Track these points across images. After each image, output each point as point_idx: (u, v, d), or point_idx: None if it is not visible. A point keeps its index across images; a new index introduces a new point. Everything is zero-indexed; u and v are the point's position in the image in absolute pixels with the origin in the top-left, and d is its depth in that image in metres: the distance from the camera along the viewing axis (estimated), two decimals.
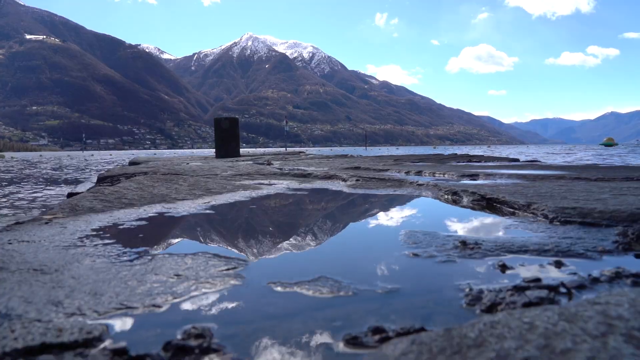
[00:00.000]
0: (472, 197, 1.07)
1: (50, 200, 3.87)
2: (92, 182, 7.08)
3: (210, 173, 2.15)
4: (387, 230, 0.75)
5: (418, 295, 0.41)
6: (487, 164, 2.16)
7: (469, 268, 0.49)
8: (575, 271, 0.47)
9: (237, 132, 6.35)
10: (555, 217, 0.75)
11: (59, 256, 0.56)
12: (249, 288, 0.43)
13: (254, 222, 0.87)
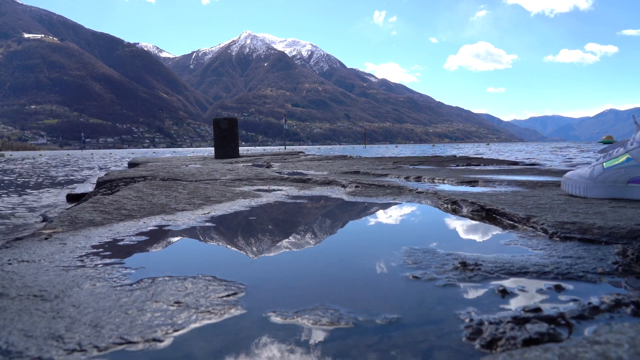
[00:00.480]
0: (471, 208, 1.07)
1: (49, 202, 3.87)
2: (92, 183, 7.04)
3: (209, 178, 2.15)
4: (387, 246, 0.75)
5: (418, 326, 0.41)
6: (486, 167, 2.16)
7: (469, 293, 0.49)
8: (575, 297, 0.47)
9: (236, 132, 6.34)
10: (555, 233, 0.76)
11: (59, 279, 0.56)
12: (249, 319, 0.43)
13: (253, 238, 0.87)
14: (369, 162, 2.96)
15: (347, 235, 0.89)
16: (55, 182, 6.49)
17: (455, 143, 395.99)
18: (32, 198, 4.70)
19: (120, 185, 1.98)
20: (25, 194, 4.98)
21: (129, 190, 1.44)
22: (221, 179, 2.15)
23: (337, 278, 0.58)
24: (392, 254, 0.68)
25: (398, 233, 0.89)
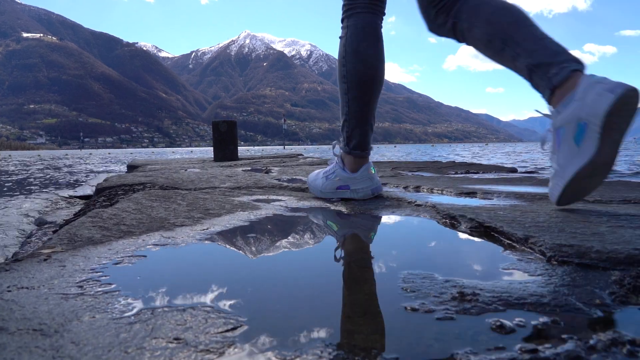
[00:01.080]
0: (469, 224, 1.07)
1: (50, 205, 3.87)
2: (91, 185, 7.03)
3: (208, 185, 2.15)
4: (387, 269, 0.76)
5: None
6: (485, 176, 2.17)
7: (467, 328, 0.50)
8: (572, 334, 0.47)
9: (235, 134, 6.34)
10: (553, 256, 0.76)
11: (59, 309, 0.57)
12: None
13: (252, 259, 0.87)
14: None
15: (347, 256, 0.89)
16: (57, 183, 6.50)
17: (454, 143, 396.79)
18: (32, 201, 4.70)
19: (119, 194, 1.98)
20: (23, 197, 4.98)
21: (128, 202, 1.44)
22: (220, 186, 2.15)
23: (335, 310, 0.58)
24: (392, 279, 0.68)
25: (397, 252, 0.89)
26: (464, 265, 0.78)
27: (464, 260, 0.82)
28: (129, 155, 39.19)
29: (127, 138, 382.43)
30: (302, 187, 1.96)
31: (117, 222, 1.17)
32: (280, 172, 3.06)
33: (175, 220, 1.19)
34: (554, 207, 1.23)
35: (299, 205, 1.50)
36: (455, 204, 1.34)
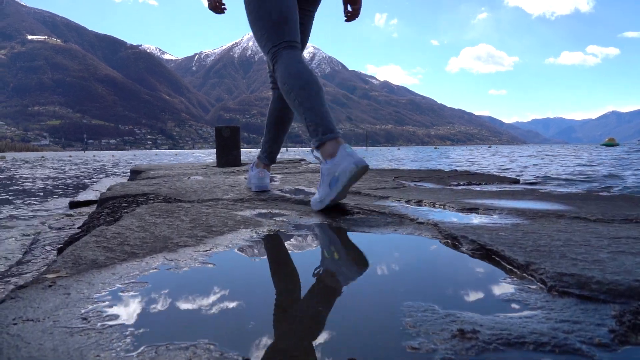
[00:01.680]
0: (471, 246, 1.07)
1: (53, 213, 3.89)
2: (94, 190, 7.05)
3: (211, 197, 2.16)
4: (388, 299, 0.76)
5: None
6: (487, 188, 2.17)
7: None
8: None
9: (238, 140, 6.35)
10: (554, 286, 0.76)
11: (64, 347, 0.57)
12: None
13: (253, 285, 0.88)
14: (369, 177, 2.97)
15: (348, 281, 0.90)
16: (59, 188, 6.52)
17: (457, 145, 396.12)
18: (35, 208, 4.72)
19: (122, 207, 1.99)
20: (27, 203, 5.01)
21: (131, 219, 1.45)
22: (223, 198, 2.16)
23: (336, 347, 0.59)
24: (393, 313, 0.69)
25: (399, 278, 0.90)
26: (465, 295, 0.79)
27: (465, 288, 0.82)
28: (133, 158, 39.36)
29: (130, 140, 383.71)
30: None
31: (121, 241, 1.17)
32: (283, 181, 3.06)
33: (178, 240, 1.20)
34: (555, 227, 1.23)
35: (301, 221, 1.50)
36: (456, 223, 1.34)
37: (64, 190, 8.04)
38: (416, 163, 16.37)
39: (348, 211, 1.68)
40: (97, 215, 1.87)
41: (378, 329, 0.64)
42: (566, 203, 1.62)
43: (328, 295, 0.82)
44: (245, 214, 1.65)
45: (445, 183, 2.55)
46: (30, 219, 4.49)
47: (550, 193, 1.91)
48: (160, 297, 0.79)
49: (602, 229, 1.19)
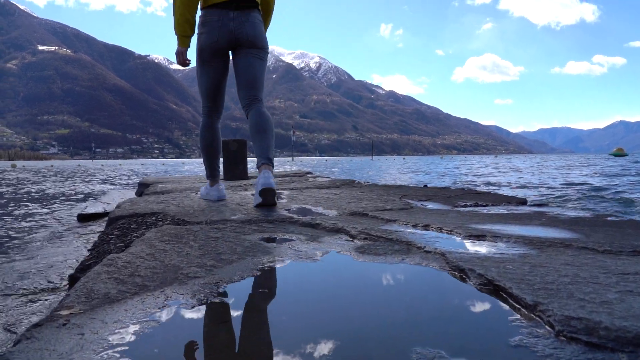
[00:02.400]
0: (479, 280, 1.08)
1: (61, 223, 3.92)
2: (102, 202, 7.09)
3: (219, 218, 2.18)
4: (396, 344, 0.77)
5: None
6: (494, 210, 2.17)
7: None
8: None
9: (245, 153, 6.40)
10: (561, 331, 0.77)
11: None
12: None
13: (260, 324, 0.89)
14: (376, 195, 2.98)
15: (356, 320, 0.91)
16: (68, 198, 6.57)
17: (463, 155, 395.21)
18: (42, 218, 4.77)
19: (132, 228, 2.02)
20: (34, 214, 5.05)
21: (141, 246, 1.47)
22: (231, 219, 2.18)
23: None
24: None
25: (408, 317, 0.90)
26: (473, 338, 0.79)
27: (473, 331, 0.83)
28: (140, 167, 39.65)
29: (137, 149, 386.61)
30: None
31: (132, 271, 1.19)
32: (289, 199, 3.08)
33: (188, 270, 1.22)
34: (563, 259, 1.23)
35: (308, 248, 1.52)
36: (464, 253, 1.35)
37: (75, 202, 8.11)
38: (422, 175, 16.36)
39: (355, 236, 1.69)
40: (107, 238, 1.89)
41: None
42: (573, 230, 1.62)
43: (335, 336, 0.83)
44: (254, 239, 1.67)
45: (452, 203, 2.55)
46: (40, 229, 4.53)
47: (557, 217, 1.91)
48: (171, 338, 0.80)
49: (610, 262, 1.19)
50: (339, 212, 2.38)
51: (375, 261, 1.34)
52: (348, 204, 2.68)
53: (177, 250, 1.45)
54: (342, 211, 2.39)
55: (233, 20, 2.39)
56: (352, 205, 2.62)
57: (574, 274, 1.07)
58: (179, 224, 2.06)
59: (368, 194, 3.21)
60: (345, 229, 1.80)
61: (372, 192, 3.38)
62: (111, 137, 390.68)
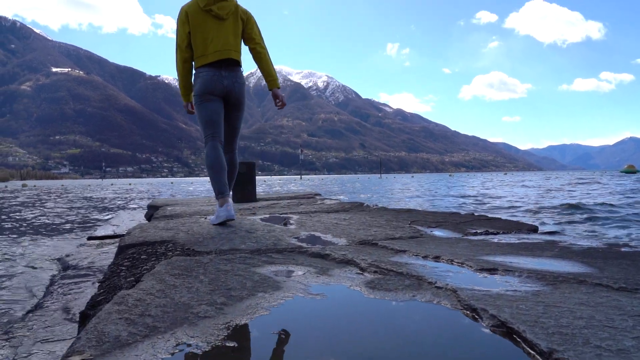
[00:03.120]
0: (491, 322, 1.07)
1: (71, 245, 3.94)
2: (112, 224, 7.13)
3: (229, 247, 2.19)
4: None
5: None
6: (505, 239, 2.15)
7: None
8: None
9: (253, 175, 6.43)
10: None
11: None
12: None
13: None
14: (385, 221, 2.97)
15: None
16: (76, 220, 6.62)
17: (472, 172, 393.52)
18: (51, 244, 4.80)
19: (142, 259, 2.02)
20: (43, 238, 5.09)
21: (152, 281, 1.48)
22: (240, 248, 2.19)
23: None
24: None
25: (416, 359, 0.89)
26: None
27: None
28: (149, 187, 39.96)
29: (147, 168, 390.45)
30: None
31: (142, 311, 1.19)
32: (299, 225, 3.08)
33: (198, 309, 1.22)
34: (577, 297, 1.21)
35: (318, 283, 1.51)
36: (476, 290, 1.33)
37: (83, 225, 8.17)
38: (431, 195, 16.27)
39: (365, 269, 1.68)
40: (117, 269, 1.90)
41: None
42: (587, 263, 1.60)
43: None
44: (263, 272, 1.67)
45: (463, 231, 2.54)
46: (51, 249, 4.56)
47: (569, 248, 1.89)
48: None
49: (625, 301, 1.17)
50: (349, 240, 2.37)
51: (386, 297, 1.33)
52: (357, 231, 2.67)
53: (187, 285, 1.46)
54: (352, 239, 2.38)
55: (226, 78, 2.92)
56: (362, 232, 2.61)
57: (589, 316, 1.06)
58: (188, 254, 2.06)
59: (377, 219, 3.20)
60: (355, 261, 1.79)
61: (381, 217, 3.37)
62: (121, 157, 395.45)
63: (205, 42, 2.85)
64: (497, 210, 8.72)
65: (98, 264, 3.71)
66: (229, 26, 2.90)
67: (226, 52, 2.88)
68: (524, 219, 7.17)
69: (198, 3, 2.85)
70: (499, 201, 11.17)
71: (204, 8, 2.83)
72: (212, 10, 2.83)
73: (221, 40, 2.87)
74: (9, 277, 3.50)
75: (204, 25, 2.84)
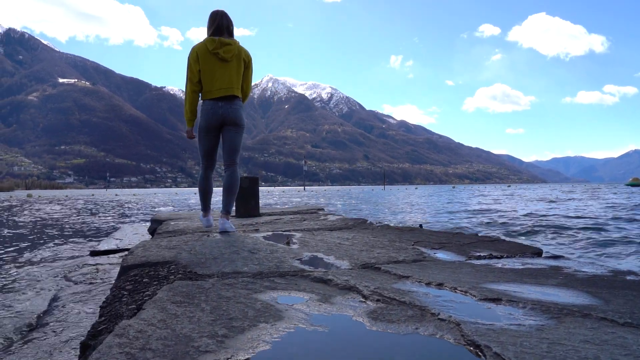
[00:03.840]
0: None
1: (74, 260, 3.94)
2: (115, 238, 7.13)
3: (232, 270, 2.18)
4: None
5: None
6: (509, 265, 2.14)
7: None
8: None
9: (256, 190, 6.44)
10: None
11: None
12: None
13: None
14: (388, 241, 2.97)
15: None
16: (80, 233, 6.62)
17: (475, 184, 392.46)
18: (54, 257, 4.80)
19: (144, 282, 2.02)
20: (47, 249, 5.09)
21: (153, 310, 1.47)
22: (243, 270, 2.19)
23: None
24: None
25: None
26: None
27: None
28: (154, 197, 40.04)
29: (151, 178, 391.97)
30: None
31: (143, 344, 1.19)
32: (301, 244, 3.07)
33: (199, 342, 1.21)
34: (582, 334, 1.20)
35: (320, 311, 1.50)
36: (479, 323, 1.32)
37: (89, 236, 8.19)
38: (433, 210, 16.24)
39: (368, 297, 1.67)
40: (119, 293, 1.90)
41: None
42: (592, 293, 1.59)
43: None
44: (265, 299, 1.66)
45: (466, 253, 2.52)
46: (54, 264, 4.55)
47: (574, 275, 1.87)
48: None
49: (631, 339, 1.15)
50: (351, 263, 2.36)
51: (389, 330, 1.32)
52: (360, 253, 2.66)
53: (189, 315, 1.45)
54: (354, 262, 2.37)
55: (221, 108, 3.42)
56: (364, 254, 2.60)
57: (594, 356, 1.04)
58: (190, 277, 2.06)
59: (380, 239, 3.19)
60: (358, 288, 1.78)
61: (384, 236, 3.35)
62: (125, 167, 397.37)
63: (212, 80, 3.36)
64: (501, 227, 8.67)
65: (100, 283, 3.71)
66: (232, 67, 3.41)
67: (229, 89, 3.41)
68: (528, 237, 7.13)
69: (207, 46, 3.32)
70: (504, 217, 11.13)
71: (212, 51, 3.30)
72: (219, 54, 3.30)
73: (225, 79, 3.38)
74: (10, 295, 3.50)
75: (211, 66, 3.34)
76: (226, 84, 3.37)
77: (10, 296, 3.35)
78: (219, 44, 3.31)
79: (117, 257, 5.23)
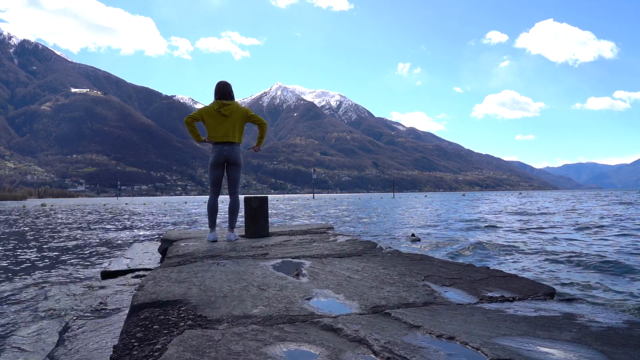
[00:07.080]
0: None
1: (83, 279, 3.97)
2: (126, 257, 7.16)
3: (242, 313, 2.19)
4: None
5: None
6: (520, 311, 2.11)
7: None
8: None
9: (266, 210, 6.45)
10: None
11: None
12: None
13: None
14: (398, 275, 2.95)
15: None
16: (90, 248, 6.67)
17: (486, 191, 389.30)
18: (64, 275, 4.84)
19: (154, 329, 2.03)
20: (56, 268, 5.13)
21: (170, 351, 1.48)
22: (252, 313, 2.19)
23: None
24: None
25: None
26: None
27: None
28: (164, 205, 40.31)
29: (161, 186, 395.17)
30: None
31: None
32: (311, 277, 3.07)
33: None
34: None
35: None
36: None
37: (99, 254, 8.26)
38: (442, 224, 16.15)
39: (378, 353, 1.66)
40: (129, 341, 1.91)
41: None
42: (606, 353, 1.56)
43: None
44: (275, 353, 1.66)
45: (477, 293, 2.50)
46: (62, 289, 4.58)
47: (588, 328, 1.85)
48: None
49: None
50: (361, 305, 2.35)
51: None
52: (370, 290, 2.65)
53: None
54: (364, 304, 2.36)
55: (226, 150, 4.95)
56: (374, 292, 2.58)
57: None
58: (200, 324, 2.06)
59: (390, 271, 3.17)
60: (368, 342, 1.77)
61: (394, 267, 3.34)
62: (136, 175, 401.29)
63: (216, 130, 4.92)
64: (515, 255, 8.57)
65: (111, 311, 3.73)
66: (231, 120, 4.91)
67: (228, 137, 4.96)
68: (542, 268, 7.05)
69: (214, 106, 4.88)
70: (518, 236, 11.01)
71: (216, 110, 4.86)
72: (221, 112, 4.85)
73: (224, 130, 4.93)
74: (15, 329, 3.53)
75: (215, 119, 4.90)
76: (224, 133, 4.92)
77: (12, 336, 3.35)
78: (221, 105, 4.85)
79: (129, 278, 5.26)
